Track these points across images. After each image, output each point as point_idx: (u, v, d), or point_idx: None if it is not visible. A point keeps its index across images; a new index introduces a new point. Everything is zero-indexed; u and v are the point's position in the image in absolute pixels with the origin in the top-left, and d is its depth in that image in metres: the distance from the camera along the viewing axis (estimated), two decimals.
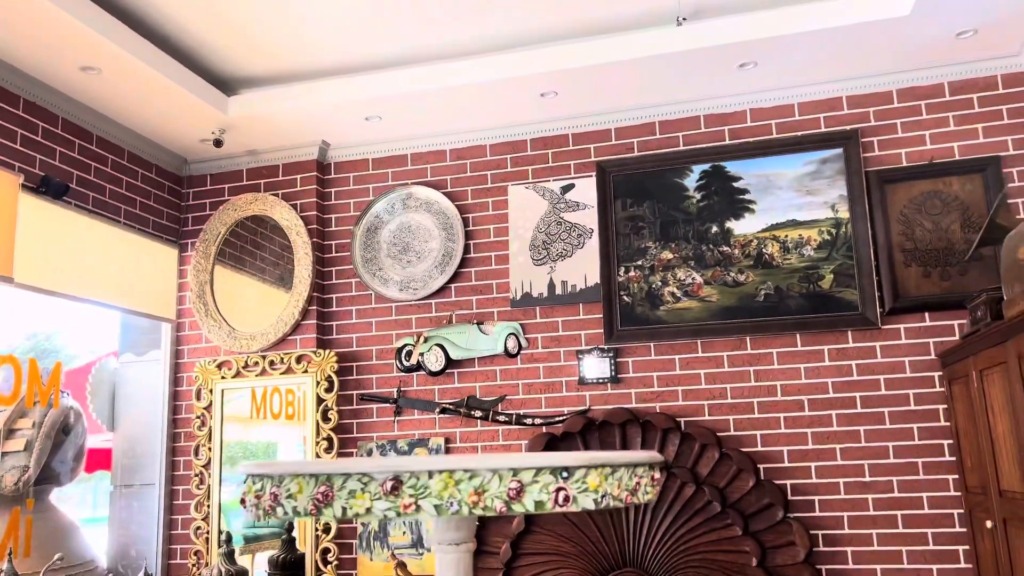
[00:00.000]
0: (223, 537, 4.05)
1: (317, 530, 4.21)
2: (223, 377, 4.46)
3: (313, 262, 4.49)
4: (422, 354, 4.31)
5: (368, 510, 1.09)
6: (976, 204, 3.83)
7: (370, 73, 4.13)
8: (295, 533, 4.21)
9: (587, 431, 4.03)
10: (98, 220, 4.11)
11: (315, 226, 4.57)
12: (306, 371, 4.36)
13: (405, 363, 4.35)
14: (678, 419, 3.99)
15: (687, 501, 3.81)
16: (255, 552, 4.36)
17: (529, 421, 4.17)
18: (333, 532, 4.20)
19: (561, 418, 4.14)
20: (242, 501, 1.25)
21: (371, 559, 4.21)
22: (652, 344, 4.13)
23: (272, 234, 4.65)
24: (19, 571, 3.23)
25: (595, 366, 4.18)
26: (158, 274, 4.56)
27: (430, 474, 1.08)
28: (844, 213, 3.97)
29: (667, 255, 4.18)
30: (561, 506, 1.08)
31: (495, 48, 3.99)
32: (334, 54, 4.00)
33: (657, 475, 1.22)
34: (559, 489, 1.08)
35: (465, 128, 4.49)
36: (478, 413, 4.22)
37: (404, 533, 4.19)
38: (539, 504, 1.09)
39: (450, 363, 4.30)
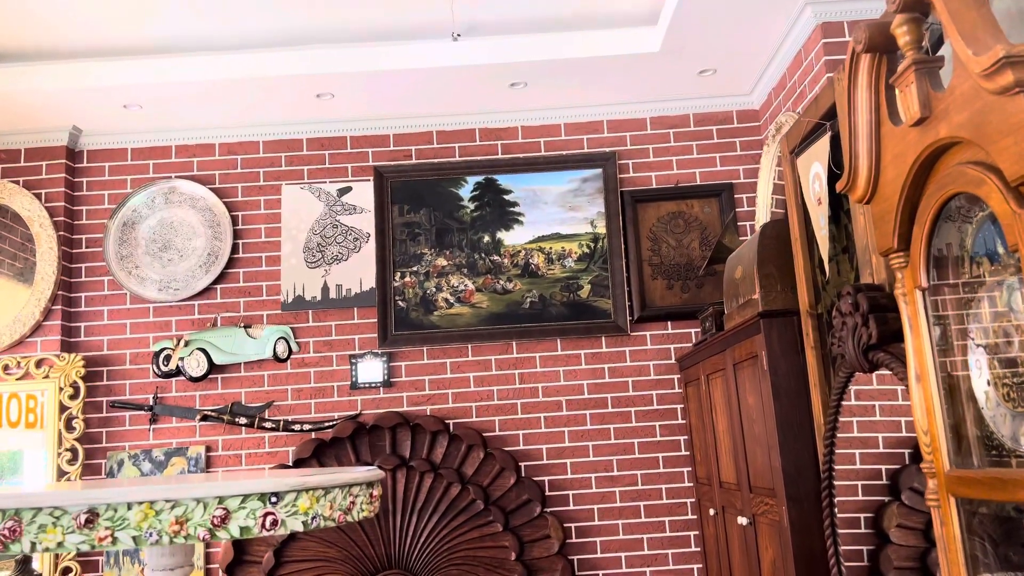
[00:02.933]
0: None
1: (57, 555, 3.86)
2: None
3: (59, 257, 4.12)
4: (182, 358, 4.10)
5: (60, 543, 1.05)
6: (713, 225, 4.29)
7: (131, 58, 3.86)
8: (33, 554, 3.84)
9: (357, 436, 4.04)
10: None
11: (62, 218, 4.19)
12: (47, 376, 3.99)
13: (163, 368, 4.12)
14: (447, 421, 4.11)
15: (452, 500, 3.93)
16: None
17: (297, 427, 4.11)
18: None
19: (331, 423, 4.12)
20: None
21: None
22: (425, 348, 4.21)
23: (13, 223, 4.20)
24: None
25: (368, 370, 4.19)
26: None
27: (128, 505, 1.06)
28: (601, 228, 4.29)
29: (442, 262, 4.29)
30: (268, 530, 1.10)
31: (270, 44, 3.88)
32: (93, 35, 3.69)
33: (376, 492, 1.27)
34: (267, 514, 1.10)
35: (237, 123, 4.32)
36: (243, 420, 4.09)
37: None
38: (245, 529, 1.10)
39: (213, 368, 4.12)
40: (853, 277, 2.38)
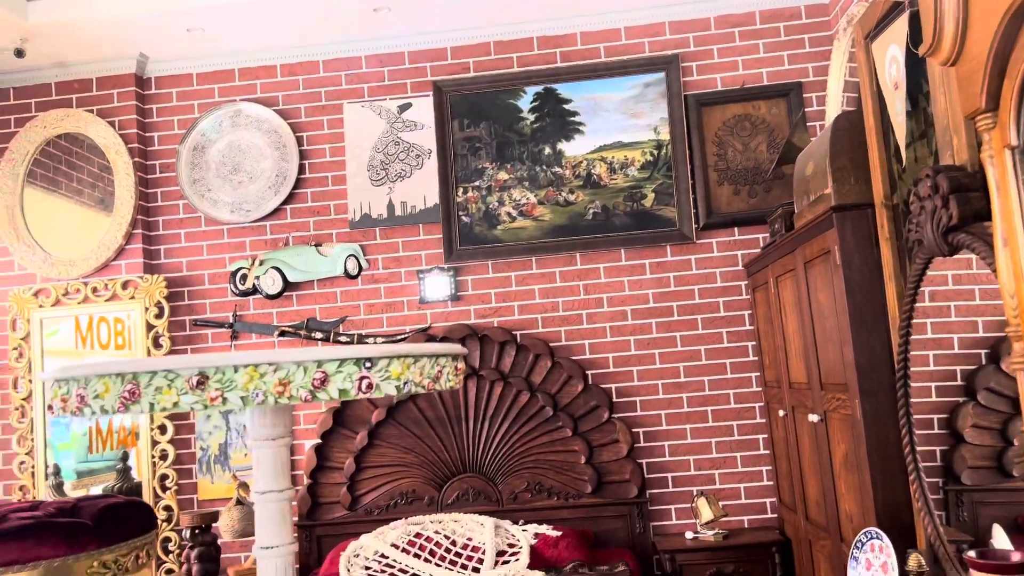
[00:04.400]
0: (50, 470, 3.90)
1: (154, 457, 4.13)
2: (40, 306, 4.20)
3: (136, 183, 4.27)
4: (258, 277, 4.24)
5: (175, 403, 1.13)
6: (780, 126, 4.17)
7: None
8: (131, 462, 4.12)
9: None
10: None
11: (136, 145, 4.32)
12: (133, 297, 4.19)
13: (240, 287, 4.27)
14: (514, 332, 4.18)
15: (522, 407, 4.04)
16: (89, 486, 4.22)
17: (371, 340, 4.24)
18: (171, 458, 4.14)
19: (403, 336, 4.23)
20: (49, 407, 1.25)
21: (212, 482, 4.19)
22: (490, 262, 4.27)
23: (89, 154, 4.35)
24: None
25: (435, 285, 4.27)
26: None
27: (235, 368, 1.14)
28: (665, 135, 4.22)
29: (503, 176, 4.29)
30: (365, 393, 1.17)
31: None
32: None
33: (460, 365, 1.33)
34: (363, 378, 1.17)
35: (297, 43, 4.34)
36: (319, 335, 4.23)
37: (246, 455, 4.20)
38: (343, 392, 1.17)
39: (288, 286, 4.26)
40: (932, 162, 2.31)
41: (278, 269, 4.22)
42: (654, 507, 4.07)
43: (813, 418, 3.08)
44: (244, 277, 4.27)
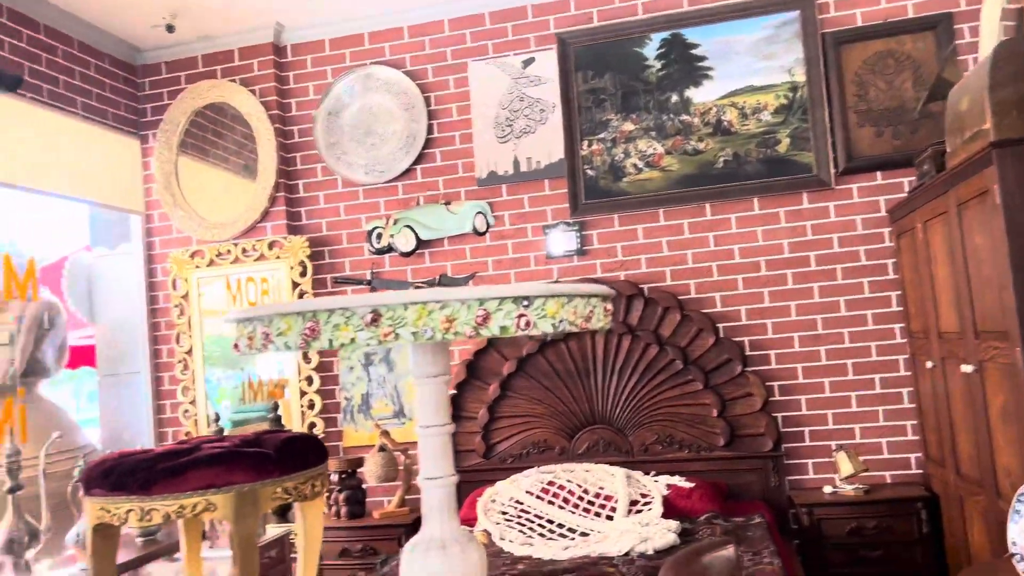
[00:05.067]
0: (212, 417, 4.23)
1: (302, 407, 4.40)
2: (197, 266, 4.53)
3: (277, 148, 4.50)
4: (392, 236, 4.40)
5: (352, 340, 1.22)
6: (927, 62, 3.91)
7: None
8: (280, 412, 4.40)
9: None
10: (55, 112, 4.05)
11: (276, 111, 4.54)
12: (279, 257, 4.44)
13: (376, 245, 4.45)
14: (641, 286, 4.16)
15: (651, 361, 4.03)
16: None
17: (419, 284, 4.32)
18: (318, 408, 4.40)
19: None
20: (235, 346, 1.36)
21: (356, 430, 4.43)
22: (616, 215, 4.25)
23: (233, 123, 4.61)
24: (6, 458, 3.36)
25: (561, 240, 4.30)
26: (122, 166, 4.54)
27: (405, 306, 1.21)
28: (800, 76, 4.03)
29: (628, 127, 4.24)
30: (523, 330, 1.21)
31: None
32: None
33: (609, 307, 1.35)
34: (521, 315, 1.21)
35: (422, 3, 4.41)
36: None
37: (386, 404, 4.41)
38: (504, 328, 1.22)
39: (420, 243, 4.40)
40: None
41: (411, 228, 4.36)
42: (789, 461, 3.99)
43: (966, 368, 2.93)
44: (379, 236, 4.44)
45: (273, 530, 4.14)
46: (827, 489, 3.78)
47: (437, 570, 1.54)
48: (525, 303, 1.22)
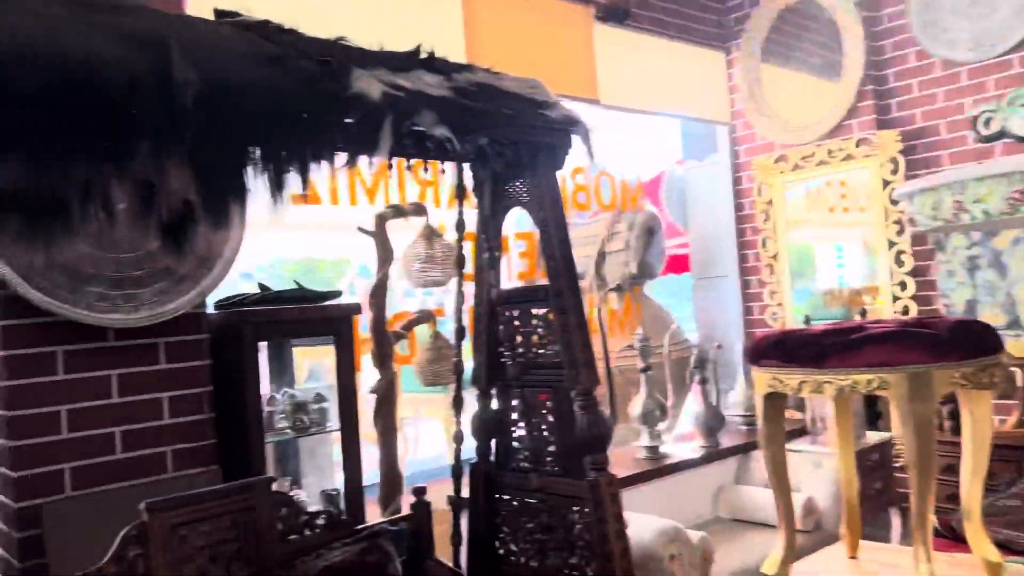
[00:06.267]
0: (802, 320, 4.29)
1: (895, 312, 4.17)
2: (781, 172, 4.57)
3: (864, 38, 4.22)
4: (1005, 119, 3.79)
5: None
6: None
7: None
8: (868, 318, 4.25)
9: None
10: (653, 37, 4.43)
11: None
12: (867, 155, 4.21)
13: (984, 132, 3.88)
14: None
15: None
16: None
17: None
18: (912, 314, 4.12)
19: None
20: (910, 220, 1.30)
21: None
22: None
23: (815, 21, 4.49)
24: (639, 343, 3.88)
25: None
26: (708, 80, 4.79)
27: None
28: None
29: None
30: None
31: None
32: None
33: None
34: None
35: None
36: None
37: (997, 314, 3.89)
38: None
39: None
40: None
41: None
42: None
43: None
44: (988, 121, 3.87)
45: (874, 436, 4.07)
46: None
47: None
48: None
